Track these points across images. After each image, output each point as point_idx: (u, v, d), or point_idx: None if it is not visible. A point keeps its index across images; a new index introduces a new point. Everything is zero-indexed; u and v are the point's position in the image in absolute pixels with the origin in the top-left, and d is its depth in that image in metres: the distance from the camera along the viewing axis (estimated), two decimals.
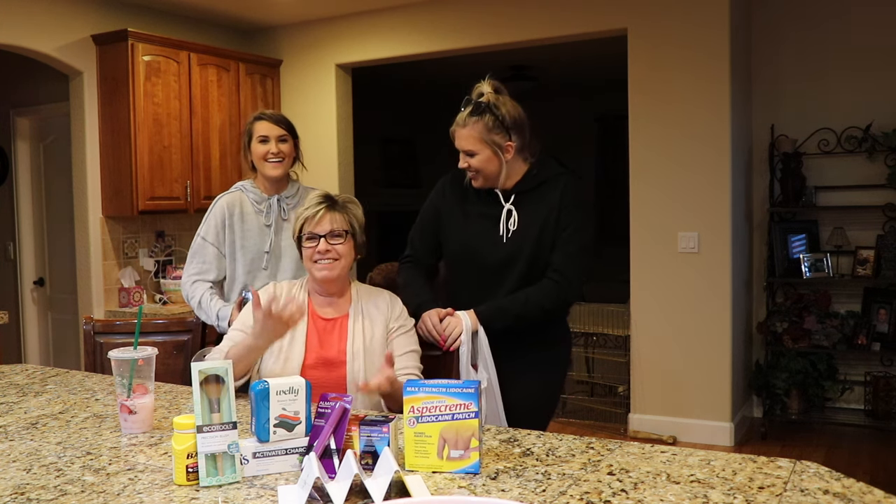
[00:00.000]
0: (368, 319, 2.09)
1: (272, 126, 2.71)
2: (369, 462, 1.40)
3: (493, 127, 2.20)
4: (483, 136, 2.20)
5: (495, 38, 5.02)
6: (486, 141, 2.20)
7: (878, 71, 4.56)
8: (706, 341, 4.47)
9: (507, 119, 2.21)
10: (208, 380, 1.38)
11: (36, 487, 1.34)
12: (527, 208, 2.26)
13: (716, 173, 4.41)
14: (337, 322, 2.09)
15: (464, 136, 2.22)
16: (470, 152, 2.22)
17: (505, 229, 2.26)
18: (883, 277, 4.42)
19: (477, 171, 2.24)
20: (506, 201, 2.28)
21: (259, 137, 2.69)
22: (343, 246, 2.06)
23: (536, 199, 2.26)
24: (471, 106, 2.22)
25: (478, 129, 2.20)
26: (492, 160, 2.22)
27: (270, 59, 5.64)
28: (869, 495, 1.22)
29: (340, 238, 2.05)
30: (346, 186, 5.61)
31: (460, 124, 2.23)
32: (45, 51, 4.56)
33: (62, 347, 5.33)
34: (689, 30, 4.44)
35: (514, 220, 2.25)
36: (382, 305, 2.13)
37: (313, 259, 2.06)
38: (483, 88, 2.24)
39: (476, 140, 2.20)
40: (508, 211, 2.26)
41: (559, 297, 2.24)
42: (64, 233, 5.15)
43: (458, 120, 2.23)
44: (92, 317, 2.71)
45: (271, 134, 2.69)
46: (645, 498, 1.24)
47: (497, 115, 2.20)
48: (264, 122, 2.71)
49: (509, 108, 2.23)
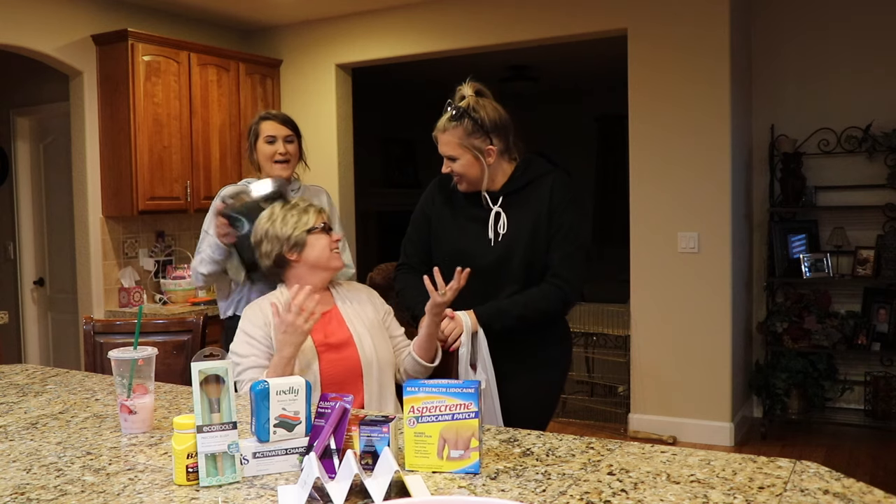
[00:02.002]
0: (357, 304, 2.19)
1: (279, 126, 2.71)
2: (369, 462, 1.40)
3: (473, 131, 2.19)
4: (462, 141, 2.20)
5: (495, 38, 5.03)
6: (465, 146, 2.20)
7: (878, 71, 4.56)
8: (706, 341, 4.47)
9: (487, 122, 2.19)
10: (208, 380, 1.38)
11: (36, 487, 1.34)
12: (515, 210, 2.25)
13: (716, 173, 4.41)
14: (328, 314, 2.14)
15: (444, 141, 2.22)
16: (451, 157, 2.22)
17: (494, 233, 2.25)
18: (883, 277, 4.42)
19: (460, 176, 2.25)
20: (493, 204, 2.27)
21: (266, 138, 2.70)
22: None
23: (524, 200, 2.25)
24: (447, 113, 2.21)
25: (457, 134, 2.20)
26: (473, 165, 2.22)
27: (270, 59, 5.64)
28: (869, 495, 1.22)
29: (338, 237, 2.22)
30: (346, 186, 5.61)
31: (440, 129, 2.23)
32: (45, 51, 4.56)
33: (62, 347, 5.33)
34: (689, 30, 4.44)
35: (503, 223, 2.24)
36: (363, 294, 2.25)
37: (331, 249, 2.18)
38: (464, 91, 2.23)
39: (456, 145, 2.20)
40: (497, 214, 2.26)
41: (560, 300, 2.23)
42: (64, 233, 5.15)
43: (439, 125, 2.23)
44: (92, 317, 2.71)
45: (279, 134, 2.70)
46: (645, 498, 1.24)
47: (476, 119, 2.18)
48: (271, 123, 2.71)
49: (489, 110, 2.21)
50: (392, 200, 8.43)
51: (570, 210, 2.24)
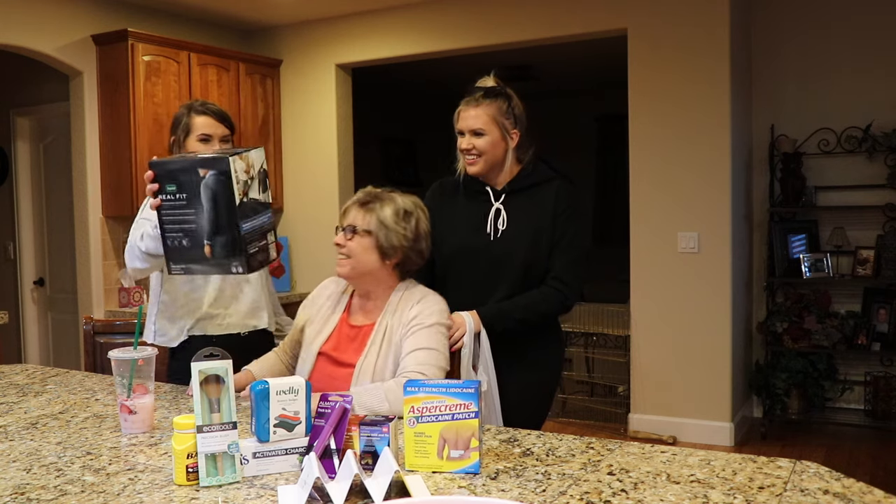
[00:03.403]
0: (388, 333, 1.94)
1: (216, 124, 2.37)
2: (369, 462, 1.40)
3: (506, 112, 2.23)
4: (496, 117, 2.21)
5: (495, 38, 5.03)
6: (498, 122, 2.21)
7: (878, 71, 4.56)
8: (706, 341, 4.47)
9: (517, 110, 2.25)
10: (208, 380, 1.38)
11: (36, 487, 1.34)
12: (517, 209, 2.26)
13: (716, 173, 4.41)
14: (361, 331, 1.99)
15: (474, 115, 2.21)
16: (479, 131, 2.21)
17: (493, 228, 2.25)
18: (883, 277, 4.42)
19: (479, 155, 2.23)
20: (496, 200, 2.28)
21: (199, 136, 2.34)
22: (354, 243, 1.93)
23: (527, 201, 2.26)
24: (482, 90, 2.23)
25: (491, 109, 2.21)
26: (498, 144, 2.23)
27: (270, 59, 5.64)
28: (869, 495, 1.22)
29: (352, 234, 1.94)
30: (346, 186, 5.60)
31: (472, 104, 2.22)
32: (45, 51, 4.56)
33: (62, 347, 5.33)
34: (689, 30, 4.44)
35: (503, 220, 2.25)
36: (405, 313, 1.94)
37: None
38: (488, 83, 2.26)
39: (488, 119, 2.21)
40: (497, 210, 2.26)
41: (560, 303, 2.25)
42: (64, 233, 5.15)
43: (469, 100, 2.23)
44: (92, 317, 2.71)
45: (215, 133, 2.36)
46: (645, 498, 1.24)
47: (510, 103, 2.24)
48: (207, 119, 2.35)
49: (518, 101, 2.27)
50: None
51: (574, 218, 2.26)
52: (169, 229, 1.79)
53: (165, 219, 1.79)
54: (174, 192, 1.77)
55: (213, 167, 1.74)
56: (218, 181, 1.74)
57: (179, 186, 1.76)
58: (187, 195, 1.76)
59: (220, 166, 1.74)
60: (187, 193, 1.76)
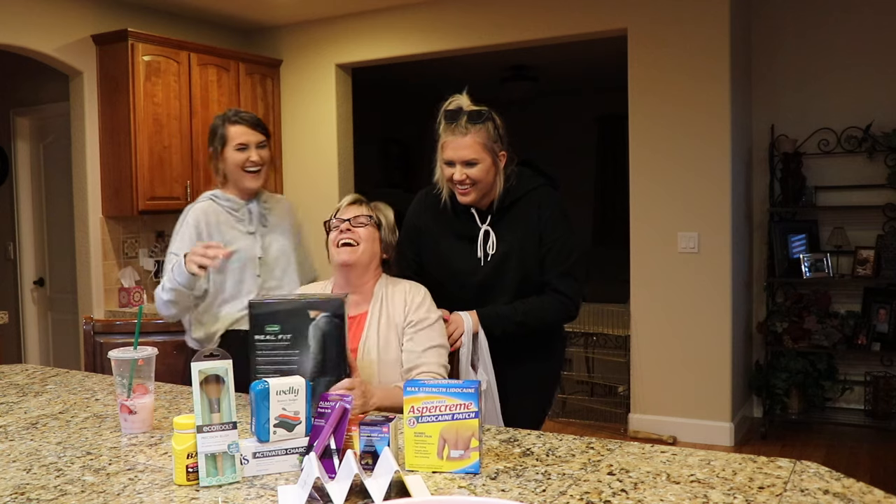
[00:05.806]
0: (386, 317, 2.01)
1: (251, 131, 2.42)
2: (369, 462, 1.40)
3: (493, 135, 2.14)
4: (486, 143, 2.12)
5: (495, 38, 5.03)
6: (488, 148, 2.13)
7: (878, 71, 4.56)
8: (706, 341, 4.47)
9: (501, 129, 2.17)
10: (208, 380, 1.38)
11: (36, 487, 1.34)
12: (504, 228, 2.21)
13: (716, 173, 4.41)
14: (354, 320, 2.02)
15: (465, 144, 2.10)
16: (472, 161, 2.11)
17: (482, 252, 2.21)
18: (883, 277, 4.42)
19: (473, 184, 2.14)
20: (482, 222, 2.22)
21: (237, 145, 2.42)
22: (365, 231, 2.02)
23: (513, 218, 2.21)
24: (465, 115, 2.11)
25: (481, 136, 2.11)
26: (490, 169, 2.15)
27: (270, 59, 5.64)
28: (869, 495, 1.22)
29: (363, 224, 2.03)
30: (346, 186, 5.60)
31: (460, 132, 2.10)
32: (45, 51, 4.56)
33: (62, 347, 5.33)
34: (689, 30, 4.44)
35: (492, 243, 2.20)
36: (399, 300, 2.03)
37: (336, 243, 2.03)
38: (461, 102, 2.15)
39: (480, 148, 2.11)
40: (486, 232, 2.21)
41: (562, 312, 2.23)
42: (64, 233, 5.15)
43: (455, 128, 2.11)
44: (92, 317, 2.71)
45: (251, 141, 2.42)
46: (645, 498, 1.24)
47: (495, 123, 2.15)
48: (242, 127, 2.42)
49: (498, 118, 2.18)
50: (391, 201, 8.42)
51: (559, 226, 2.21)
52: (262, 367, 1.72)
53: (260, 358, 1.72)
54: (276, 332, 1.72)
55: (325, 309, 1.73)
56: (331, 323, 1.72)
57: (283, 327, 1.72)
58: (292, 336, 1.72)
59: (334, 308, 1.72)
60: (292, 334, 1.72)
